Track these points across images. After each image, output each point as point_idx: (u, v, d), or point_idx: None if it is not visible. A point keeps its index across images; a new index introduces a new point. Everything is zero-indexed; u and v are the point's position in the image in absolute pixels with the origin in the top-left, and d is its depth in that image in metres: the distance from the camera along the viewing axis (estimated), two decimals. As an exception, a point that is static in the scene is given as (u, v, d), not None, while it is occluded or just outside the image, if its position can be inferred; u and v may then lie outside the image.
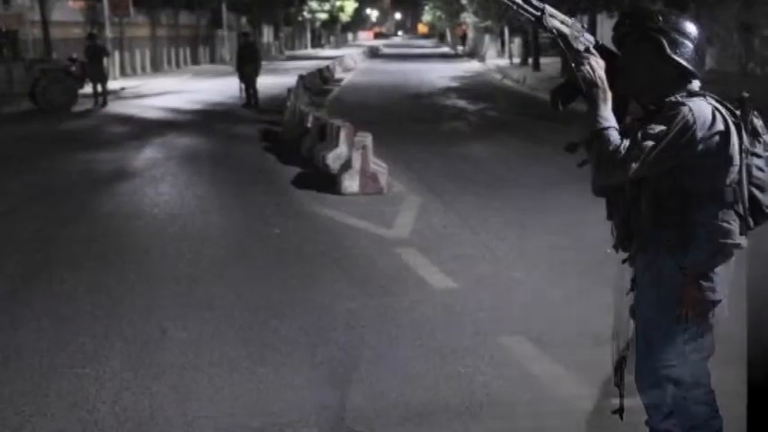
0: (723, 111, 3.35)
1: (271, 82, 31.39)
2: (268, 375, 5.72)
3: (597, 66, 3.40)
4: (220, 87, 33.79)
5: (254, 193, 12.55)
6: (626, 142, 3.28)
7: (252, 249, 9.20)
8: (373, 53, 76.65)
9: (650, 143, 3.26)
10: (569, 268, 8.16)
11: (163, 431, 4.99)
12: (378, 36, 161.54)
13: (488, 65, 51.53)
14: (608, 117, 3.36)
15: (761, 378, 3.63)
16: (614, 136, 3.32)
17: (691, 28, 3.40)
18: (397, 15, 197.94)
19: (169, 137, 19.56)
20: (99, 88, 26.87)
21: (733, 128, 3.33)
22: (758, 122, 3.43)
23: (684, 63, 3.36)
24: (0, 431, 5.00)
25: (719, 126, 3.31)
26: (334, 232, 9.90)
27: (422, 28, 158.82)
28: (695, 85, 3.43)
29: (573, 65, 3.43)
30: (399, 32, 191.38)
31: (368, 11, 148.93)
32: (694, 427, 3.65)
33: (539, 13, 3.41)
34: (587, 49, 3.44)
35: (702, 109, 3.31)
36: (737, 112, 3.37)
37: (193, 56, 56.09)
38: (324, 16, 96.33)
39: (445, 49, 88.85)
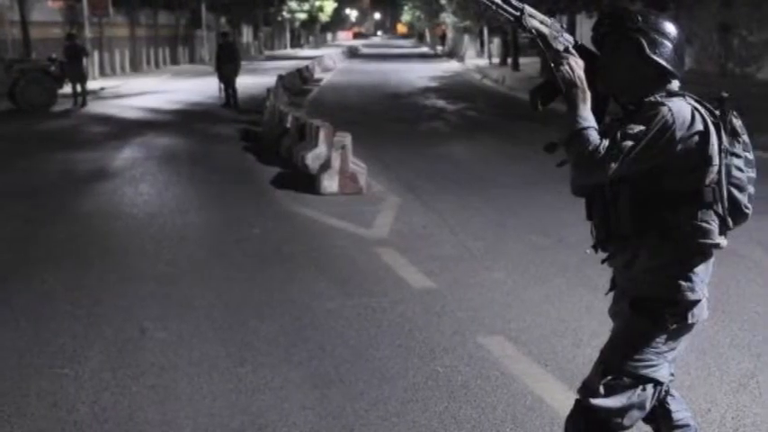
0: (702, 111, 3.35)
1: (250, 82, 31.38)
2: (247, 375, 5.71)
3: (576, 66, 3.40)
4: (200, 87, 33.72)
5: (234, 192, 12.52)
6: (605, 142, 3.27)
7: (231, 249, 9.17)
8: (352, 53, 76.70)
9: (629, 143, 3.25)
10: (548, 268, 8.19)
11: (142, 431, 4.98)
12: (357, 36, 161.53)
13: (467, 65, 51.64)
14: (587, 117, 3.35)
15: None
16: (593, 136, 3.31)
17: (670, 28, 3.40)
18: (377, 15, 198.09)
19: (148, 137, 19.48)
20: (78, 88, 26.75)
21: (712, 128, 3.33)
22: (737, 122, 3.44)
23: (664, 63, 3.36)
24: (-22, 432, 4.99)
25: (699, 126, 3.31)
26: (314, 232, 9.90)
27: (401, 28, 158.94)
28: (674, 85, 3.43)
29: (552, 65, 3.43)
30: (378, 32, 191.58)
31: (347, 11, 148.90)
32: (676, 426, 3.68)
33: (518, 13, 3.41)
34: (566, 49, 3.44)
35: (682, 109, 3.31)
36: (717, 112, 3.38)
37: (173, 56, 55.90)
38: (303, 16, 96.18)
39: (424, 50, 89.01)
